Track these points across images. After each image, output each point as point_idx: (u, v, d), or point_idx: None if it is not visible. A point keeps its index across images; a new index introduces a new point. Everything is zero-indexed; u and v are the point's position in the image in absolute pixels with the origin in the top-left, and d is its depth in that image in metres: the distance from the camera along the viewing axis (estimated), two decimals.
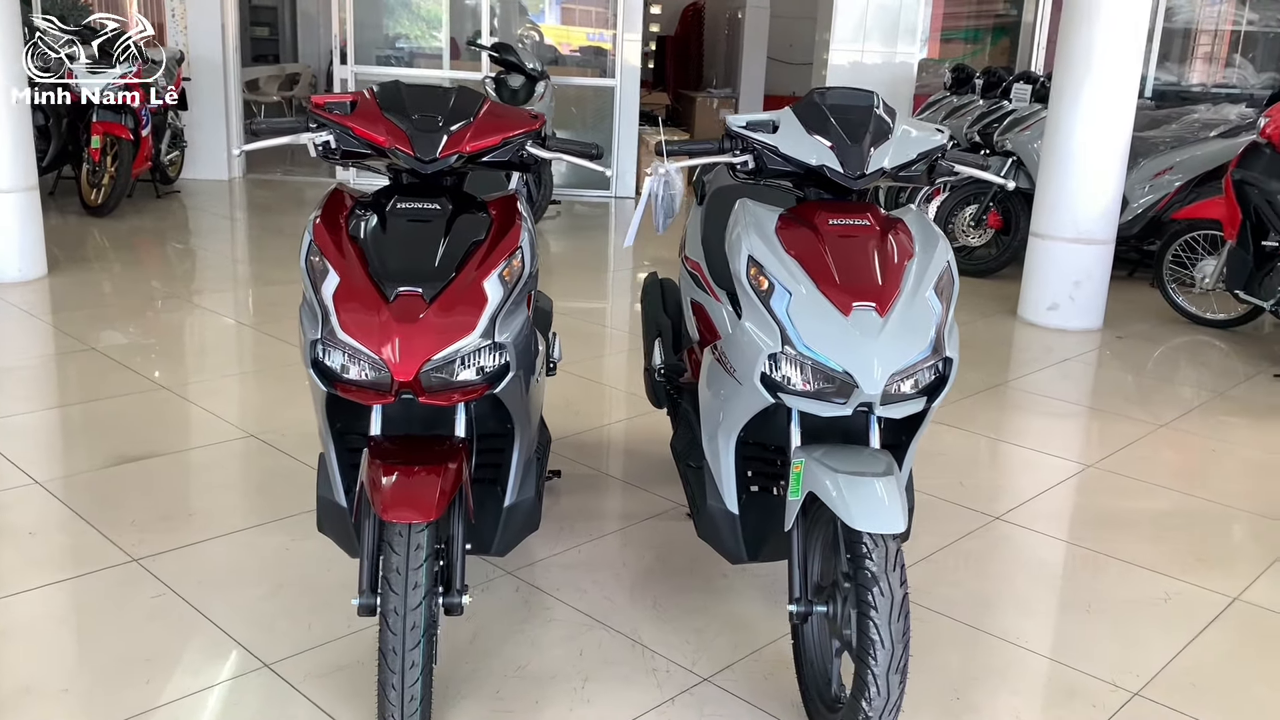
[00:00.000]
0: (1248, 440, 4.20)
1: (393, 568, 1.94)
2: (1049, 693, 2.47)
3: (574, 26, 10.57)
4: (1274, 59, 9.90)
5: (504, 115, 2.28)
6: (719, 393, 2.40)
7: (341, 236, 2.15)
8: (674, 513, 3.29)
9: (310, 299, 2.11)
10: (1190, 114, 7.22)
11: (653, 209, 2.33)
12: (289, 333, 4.97)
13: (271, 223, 8.08)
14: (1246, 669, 2.62)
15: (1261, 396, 4.75)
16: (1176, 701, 2.45)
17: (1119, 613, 2.85)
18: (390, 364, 2.00)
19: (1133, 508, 3.53)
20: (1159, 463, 3.93)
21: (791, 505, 2.18)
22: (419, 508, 1.96)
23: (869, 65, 9.07)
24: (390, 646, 1.93)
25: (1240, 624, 2.82)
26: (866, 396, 2.06)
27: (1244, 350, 5.54)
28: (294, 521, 3.10)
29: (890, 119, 2.30)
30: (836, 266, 2.14)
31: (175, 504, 3.21)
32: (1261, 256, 5.35)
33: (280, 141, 2.28)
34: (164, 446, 3.62)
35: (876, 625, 1.95)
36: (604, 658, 2.52)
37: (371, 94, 2.25)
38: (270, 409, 4.03)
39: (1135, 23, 5.41)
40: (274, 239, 7.54)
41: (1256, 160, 5.37)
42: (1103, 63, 5.43)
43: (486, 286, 2.10)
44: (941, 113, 8.02)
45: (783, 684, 2.44)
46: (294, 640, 2.53)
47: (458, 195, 2.25)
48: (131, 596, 2.69)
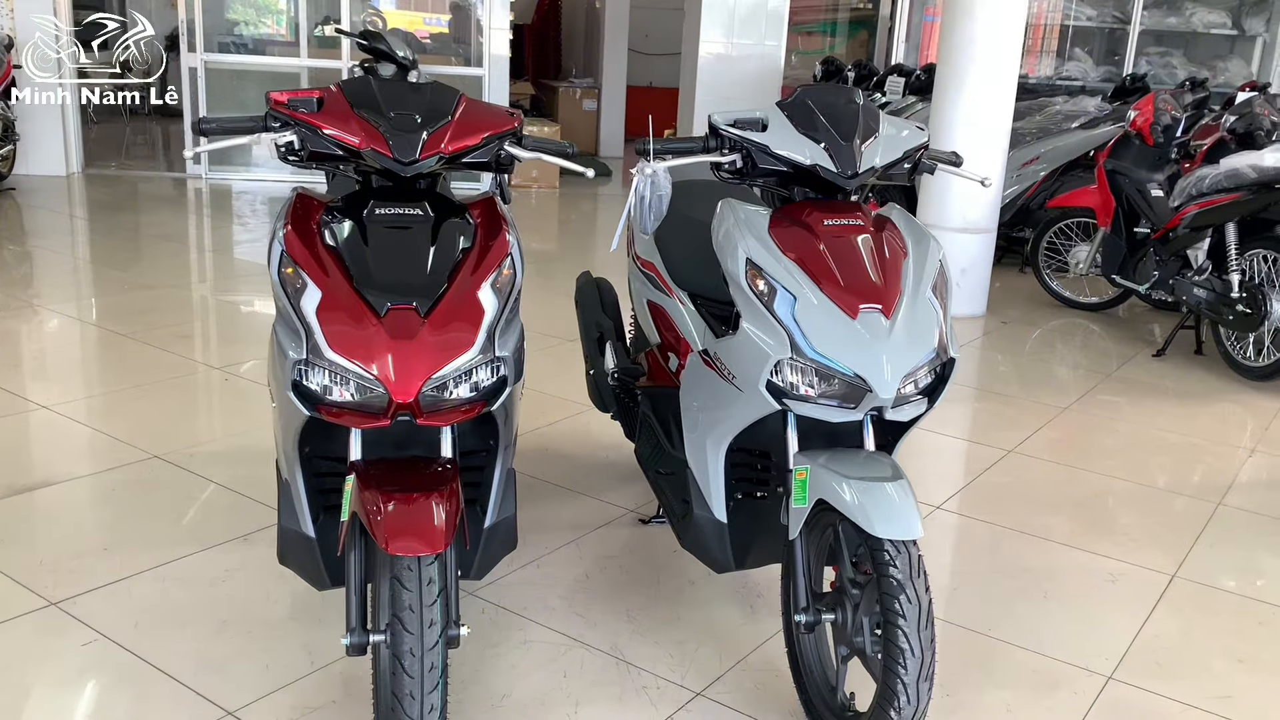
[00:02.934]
0: (1146, 420, 4.40)
1: (405, 605, 1.79)
2: (1033, 684, 2.50)
3: (413, 11, 10.22)
4: (1108, 53, 10.48)
5: (482, 113, 2.15)
6: (708, 399, 2.33)
7: (316, 246, 1.98)
8: (625, 519, 3.20)
9: (288, 316, 1.93)
10: (1051, 106, 7.56)
11: (639, 211, 2.23)
12: (170, 342, 4.64)
13: (121, 222, 7.54)
14: (1202, 644, 2.73)
15: (1146, 377, 4.99)
16: (1147, 682, 2.52)
17: (1074, 597, 2.92)
18: (388, 384, 1.85)
19: (1060, 491, 3.64)
20: (1072, 445, 4.07)
21: (797, 513, 2.13)
22: (426, 538, 1.82)
23: (738, 57, 9.13)
24: (407, 691, 1.78)
25: (1184, 600, 2.93)
26: (880, 400, 2.02)
27: (1117, 332, 5.83)
28: (224, 550, 2.87)
29: (876, 116, 2.27)
30: (838, 268, 2.10)
31: (85, 538, 2.93)
32: (1134, 243, 5.63)
33: (236, 142, 2.08)
34: (58, 474, 3.29)
35: (905, 633, 1.92)
36: (590, 679, 2.42)
37: (339, 90, 2.07)
38: (168, 426, 3.73)
39: (1013, 18, 5.60)
40: (128, 239, 7.03)
41: (1127, 151, 5.65)
42: (984, 57, 5.60)
43: (481, 298, 1.97)
44: None
45: (776, 692, 2.39)
46: (254, 684, 2.33)
47: (434, 199, 2.10)
48: (57, 646, 2.42)
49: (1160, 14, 10.09)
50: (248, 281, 5.93)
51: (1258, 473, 3.88)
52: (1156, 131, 5.44)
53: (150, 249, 6.69)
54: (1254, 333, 4.82)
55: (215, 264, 6.56)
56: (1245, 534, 3.38)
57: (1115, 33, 10.21)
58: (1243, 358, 4.93)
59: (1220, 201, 4.91)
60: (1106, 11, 10.04)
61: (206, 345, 4.66)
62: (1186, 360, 5.25)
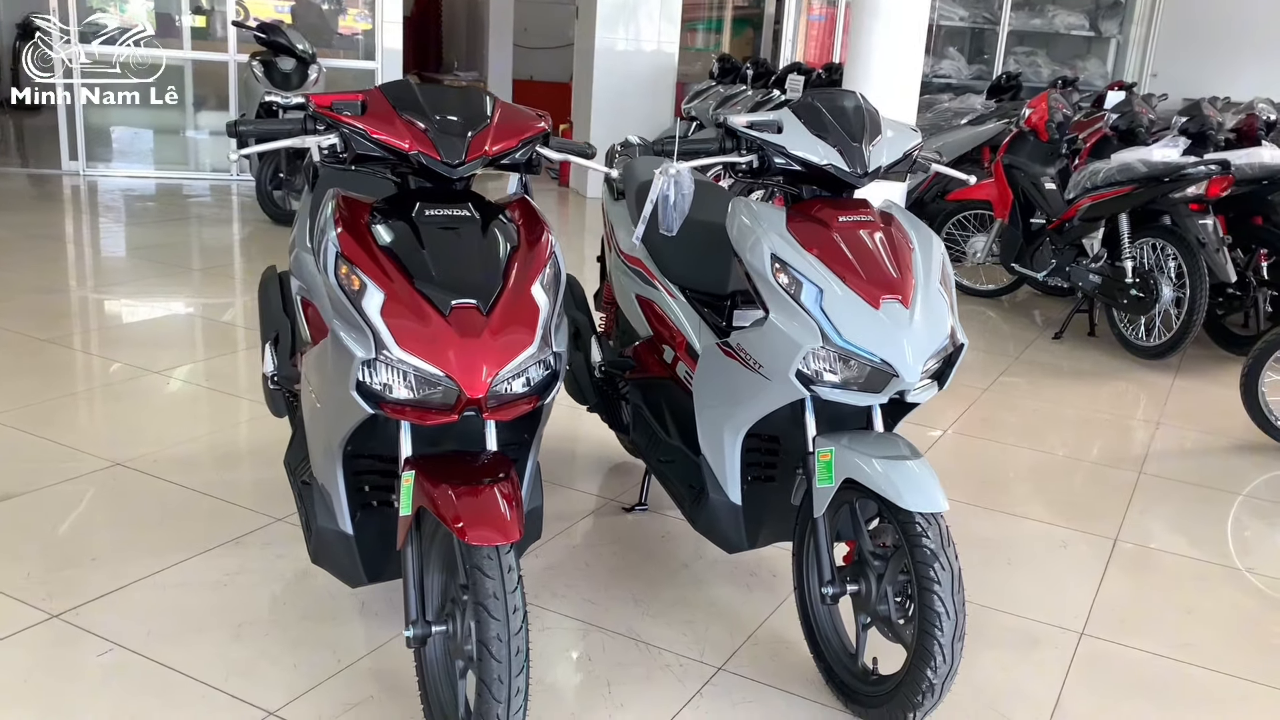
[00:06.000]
0: (1057, 398, 4.73)
1: (488, 593, 1.85)
2: (1017, 643, 2.71)
3: None
4: (978, 52, 11.04)
5: (517, 116, 2.20)
6: (728, 387, 2.44)
7: (371, 247, 2.01)
8: (608, 509, 3.30)
9: (349, 316, 1.96)
10: (940, 104, 7.94)
11: (664, 210, 2.32)
12: (103, 346, 4.49)
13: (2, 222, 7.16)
14: (1153, 600, 3.00)
15: (1050, 358, 5.35)
16: (1115, 635, 2.77)
17: (1033, 563, 3.16)
18: (460, 380, 1.90)
19: (1000, 467, 3.90)
20: (1000, 424, 4.35)
21: (822, 492, 2.27)
22: (500, 528, 1.88)
23: (633, 53, 9.26)
24: (495, 675, 1.84)
25: (1129, 561, 3.20)
26: (905, 384, 2.18)
27: (1014, 317, 6.21)
28: (218, 555, 2.84)
29: (878, 118, 2.42)
30: (857, 261, 2.24)
31: (68, 549, 2.85)
32: (1030, 233, 6.00)
33: (280, 145, 2.09)
34: (20, 485, 3.17)
35: (940, 598, 2.08)
36: (614, 660, 2.51)
37: (380, 93, 2.10)
38: (123, 432, 3.63)
39: (917, 21, 5.89)
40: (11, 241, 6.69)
41: (1022, 146, 6.02)
42: (890, 57, 5.87)
43: (535, 295, 2.04)
44: (713, 101, 8.32)
45: (791, 662, 2.53)
46: (286, 684, 2.34)
47: (474, 199, 2.15)
48: (74, 658, 2.38)
49: (1025, 15, 10.68)
50: (161, 283, 5.74)
51: (1167, 443, 4.23)
52: (1051, 128, 5.82)
53: (39, 251, 6.38)
54: (1146, 315, 5.22)
55: (120, 265, 6.31)
56: (1169, 499, 3.70)
57: (985, 33, 10.76)
58: (1136, 338, 5.34)
59: (1113, 194, 5.30)
60: (977, 13, 10.56)
61: (137, 349, 4.51)
62: (1082, 342, 5.64)
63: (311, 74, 7.37)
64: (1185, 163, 5.10)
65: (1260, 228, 5.39)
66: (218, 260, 6.51)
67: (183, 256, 6.42)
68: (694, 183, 2.36)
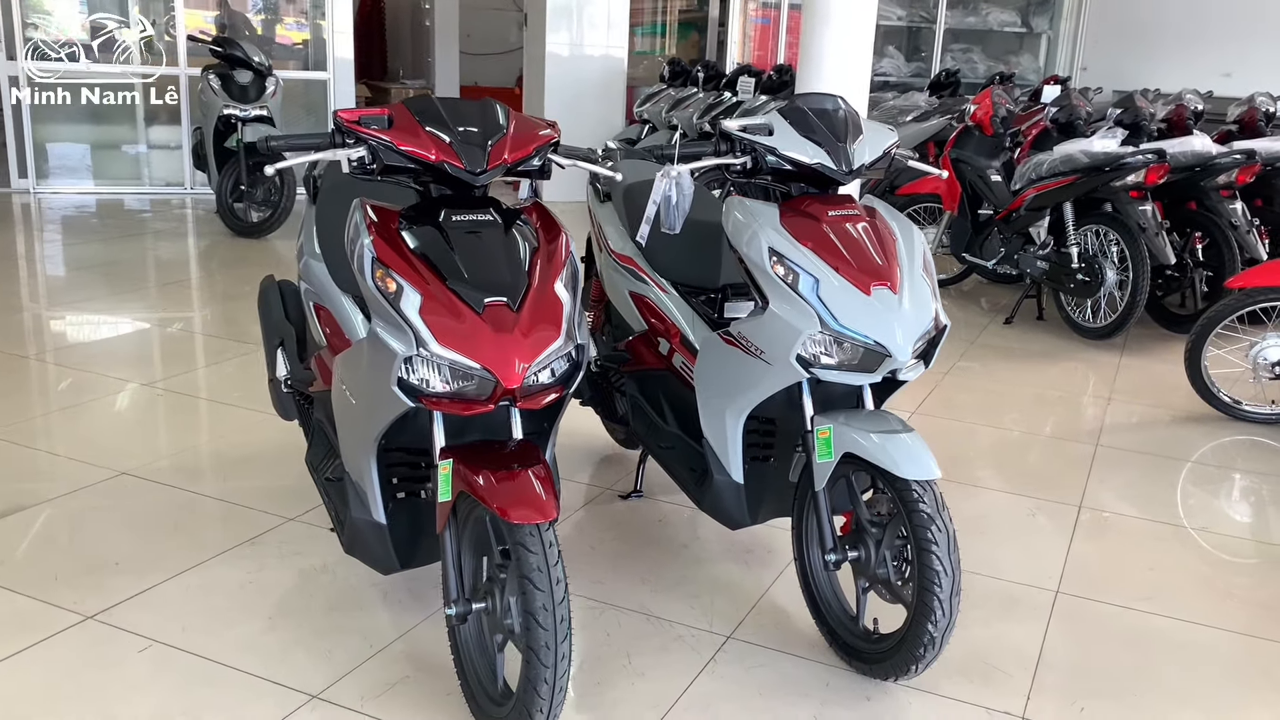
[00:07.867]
0: (1014, 378, 4.98)
1: (533, 567, 2.00)
2: (999, 602, 2.92)
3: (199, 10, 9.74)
4: (915, 50, 11.36)
5: (529, 125, 2.35)
6: (729, 374, 2.62)
7: (404, 251, 2.15)
8: (604, 497, 3.45)
9: (389, 316, 2.09)
10: (885, 102, 8.20)
11: (666, 211, 2.49)
12: (82, 361, 4.54)
13: None
14: (1120, 559, 3.23)
15: (1003, 342, 5.61)
16: (1088, 592, 2.99)
17: (1007, 531, 3.38)
18: (497, 372, 2.05)
19: (966, 445, 4.12)
20: (961, 404, 4.58)
21: (823, 466, 2.45)
22: (539, 508, 2.04)
23: (582, 58, 9.41)
24: (542, 643, 1.99)
25: (1093, 526, 3.44)
26: (897, 364, 2.37)
27: (965, 304, 6.47)
28: (238, 555, 2.95)
29: (858, 120, 2.61)
30: (848, 252, 2.43)
31: (89, 555, 2.94)
32: (978, 224, 6.26)
33: (311, 158, 2.22)
34: (28, 498, 3.25)
35: (938, 557, 2.27)
36: (630, 634, 2.67)
37: (405, 108, 2.24)
38: (121, 443, 3.70)
39: (865, 24, 6.13)
40: None
41: (969, 141, 6.28)
42: (840, 60, 6.09)
43: (558, 292, 2.19)
44: (664, 104, 8.49)
45: (794, 628, 2.71)
46: (326, 669, 2.46)
47: (496, 205, 2.30)
48: (115, 655, 2.48)
49: (961, 13, 11.02)
50: (134, 298, 5.76)
51: (1120, 417, 4.49)
52: (996, 122, 6.09)
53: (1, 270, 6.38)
54: (1092, 298, 5.51)
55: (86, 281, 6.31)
56: (1125, 469, 3.95)
57: (922, 31, 11.08)
58: (1083, 320, 5.62)
59: (1057, 184, 5.57)
60: (915, 11, 10.88)
61: (122, 363, 4.57)
62: (1032, 326, 5.92)
63: (269, 86, 7.40)
64: (1124, 152, 5.39)
65: (1194, 212, 5.70)
66: (184, 273, 6.53)
67: (148, 270, 6.43)
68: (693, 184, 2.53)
